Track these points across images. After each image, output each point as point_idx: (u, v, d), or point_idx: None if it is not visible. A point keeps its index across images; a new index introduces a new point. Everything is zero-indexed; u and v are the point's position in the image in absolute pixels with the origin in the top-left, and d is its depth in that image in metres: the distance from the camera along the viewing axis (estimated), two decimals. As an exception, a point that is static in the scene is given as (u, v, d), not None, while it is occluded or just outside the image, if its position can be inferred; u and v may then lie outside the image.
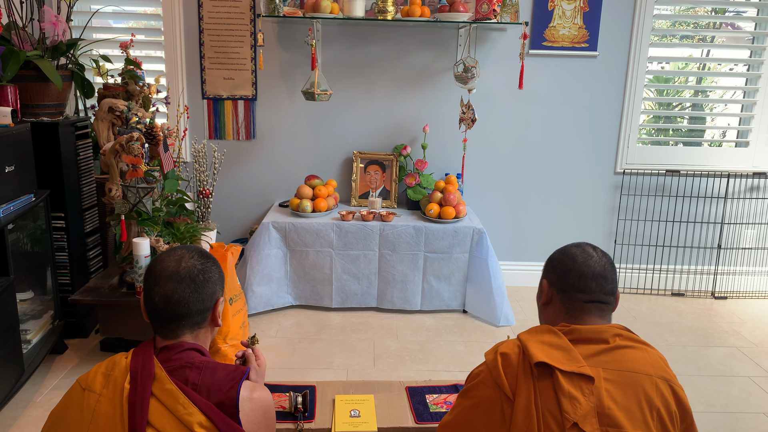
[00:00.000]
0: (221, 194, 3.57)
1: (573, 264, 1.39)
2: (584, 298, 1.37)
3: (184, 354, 1.24)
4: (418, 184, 3.41)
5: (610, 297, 1.39)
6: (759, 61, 3.50)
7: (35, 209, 2.55)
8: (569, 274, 1.39)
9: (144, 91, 2.83)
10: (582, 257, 1.40)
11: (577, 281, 1.38)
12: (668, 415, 1.27)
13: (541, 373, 1.26)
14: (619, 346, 1.32)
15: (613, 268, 1.41)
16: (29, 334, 2.48)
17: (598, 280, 1.37)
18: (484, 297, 3.14)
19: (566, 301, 1.39)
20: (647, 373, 1.29)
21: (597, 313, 1.38)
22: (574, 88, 3.48)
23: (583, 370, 1.25)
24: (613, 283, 1.40)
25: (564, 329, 1.35)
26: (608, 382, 1.26)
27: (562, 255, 1.43)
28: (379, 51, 3.42)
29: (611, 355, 1.30)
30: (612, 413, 1.22)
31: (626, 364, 1.29)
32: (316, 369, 2.64)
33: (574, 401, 1.22)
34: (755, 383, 2.63)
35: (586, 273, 1.37)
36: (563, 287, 1.40)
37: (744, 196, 3.64)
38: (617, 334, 1.35)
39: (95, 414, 1.16)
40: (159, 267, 1.27)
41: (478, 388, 1.33)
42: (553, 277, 1.43)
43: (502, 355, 1.32)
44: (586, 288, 1.37)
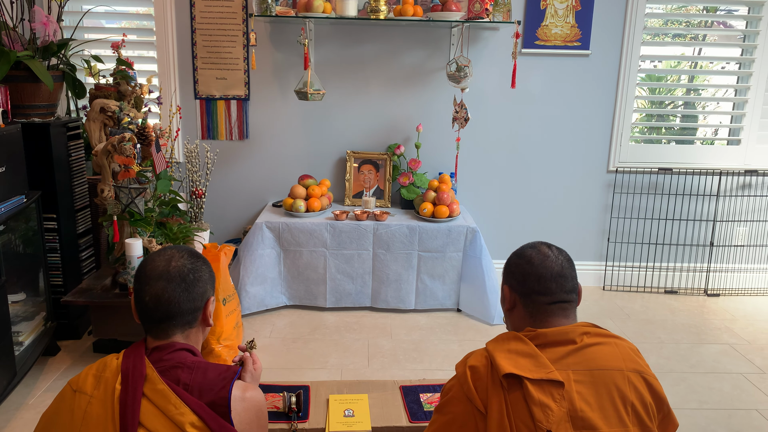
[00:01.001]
0: (214, 194, 3.56)
1: (530, 267, 1.38)
2: (546, 300, 1.36)
3: (175, 354, 1.24)
4: (411, 184, 3.41)
5: (572, 295, 1.38)
6: (750, 59, 3.52)
7: (27, 210, 2.53)
8: (528, 278, 1.37)
9: (136, 91, 2.82)
10: (538, 259, 1.38)
11: (537, 284, 1.36)
12: (643, 407, 1.26)
13: (511, 384, 1.25)
14: (587, 344, 1.31)
15: (571, 265, 1.40)
16: (21, 335, 2.47)
17: (557, 280, 1.36)
18: (478, 296, 3.14)
19: (529, 305, 1.38)
20: (618, 368, 1.28)
21: (561, 314, 1.37)
22: (566, 86, 3.49)
23: (551, 375, 1.24)
24: (573, 281, 1.39)
25: (530, 334, 1.34)
26: (579, 383, 1.25)
27: (519, 258, 1.42)
28: (371, 50, 3.42)
29: (580, 355, 1.29)
30: (585, 415, 1.22)
31: (596, 362, 1.28)
32: (310, 369, 2.64)
33: (546, 409, 1.21)
34: (747, 380, 2.64)
35: (545, 275, 1.36)
36: (524, 291, 1.38)
37: (736, 193, 3.65)
38: (584, 332, 1.34)
39: (86, 415, 1.16)
40: (149, 267, 1.27)
41: (452, 403, 1.32)
42: (513, 282, 1.41)
43: (471, 368, 1.31)
44: (547, 290, 1.36)
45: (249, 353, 1.54)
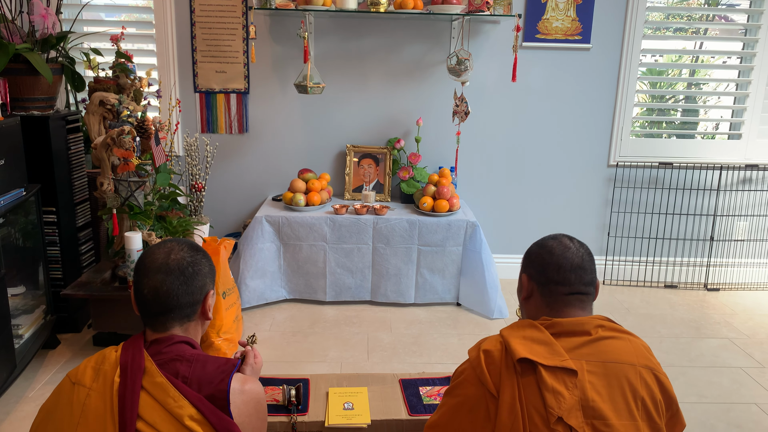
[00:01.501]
0: (214, 188, 3.55)
1: (551, 257, 1.39)
2: (564, 290, 1.37)
3: (174, 347, 1.24)
4: (411, 178, 3.40)
5: (589, 287, 1.39)
6: (752, 54, 3.51)
7: (26, 204, 2.53)
8: (548, 268, 1.38)
9: (135, 84, 2.81)
10: (559, 249, 1.39)
11: (556, 274, 1.37)
12: (653, 404, 1.27)
13: (524, 369, 1.25)
14: (602, 337, 1.32)
15: (591, 258, 1.41)
16: (21, 329, 2.47)
17: (576, 271, 1.37)
18: (478, 290, 3.14)
19: (546, 294, 1.39)
20: (631, 363, 1.29)
21: (578, 305, 1.38)
22: (567, 80, 3.48)
23: (565, 363, 1.25)
24: (591, 274, 1.39)
25: (545, 323, 1.35)
26: (592, 374, 1.26)
27: (540, 248, 1.43)
28: (372, 44, 3.41)
29: (594, 347, 1.30)
30: (596, 405, 1.22)
31: (609, 355, 1.29)
32: (310, 362, 2.64)
33: (558, 396, 1.22)
34: (747, 374, 2.64)
35: (565, 265, 1.37)
36: (542, 281, 1.39)
37: (736, 188, 3.65)
38: (599, 325, 1.35)
39: (85, 408, 1.16)
40: (148, 259, 1.27)
41: (463, 386, 1.33)
42: (531, 271, 1.42)
43: (484, 352, 1.32)
44: (566, 280, 1.37)
45: (250, 347, 1.54)
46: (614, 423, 1.21)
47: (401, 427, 1.96)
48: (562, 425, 1.20)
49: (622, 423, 1.22)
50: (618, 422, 1.22)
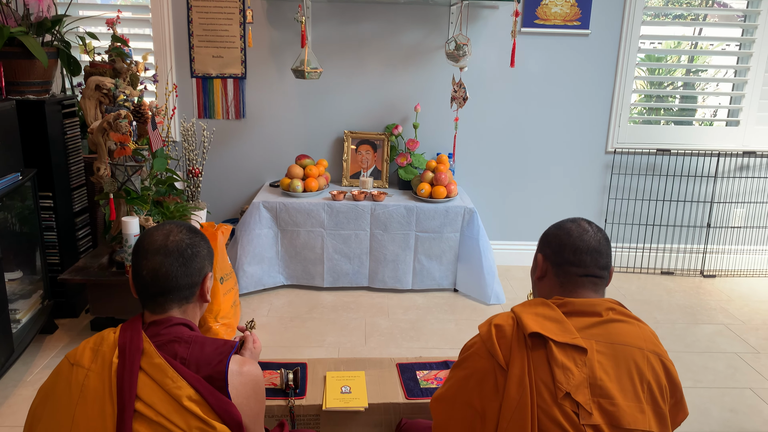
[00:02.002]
0: (211, 174, 3.54)
1: (568, 238, 1.40)
2: (579, 272, 1.38)
3: (172, 329, 1.24)
4: (409, 164, 3.40)
5: (604, 271, 1.40)
6: (750, 40, 3.49)
7: (22, 189, 2.52)
8: (564, 249, 1.40)
9: (131, 68, 2.79)
10: (577, 232, 1.40)
11: (572, 255, 1.38)
12: (658, 388, 1.28)
13: (535, 343, 1.27)
14: (612, 319, 1.33)
15: (608, 243, 1.42)
16: (18, 313, 2.47)
17: (592, 254, 1.38)
18: (475, 276, 3.15)
19: (561, 275, 1.40)
20: (639, 347, 1.30)
21: (591, 287, 1.39)
22: (565, 66, 3.47)
23: (576, 341, 1.26)
24: (607, 258, 1.41)
25: (558, 302, 1.36)
26: (601, 354, 1.27)
27: (558, 230, 1.44)
28: (370, 29, 3.39)
29: (604, 328, 1.31)
30: (604, 384, 1.24)
31: (618, 337, 1.30)
32: (308, 347, 2.65)
33: (567, 372, 1.23)
34: (742, 359, 2.66)
35: (581, 247, 1.38)
36: (558, 261, 1.40)
37: (734, 175, 3.65)
38: (610, 308, 1.36)
39: (84, 389, 1.16)
40: (147, 241, 1.26)
41: (472, 359, 1.34)
42: (548, 251, 1.43)
43: (496, 326, 1.33)
44: (581, 262, 1.38)
45: (249, 332, 1.55)
46: (620, 403, 1.23)
47: (398, 410, 1.98)
48: (570, 401, 1.21)
49: (627, 404, 1.23)
50: (624, 402, 1.23)
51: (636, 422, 1.23)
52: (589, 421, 1.21)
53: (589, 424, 1.21)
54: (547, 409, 1.21)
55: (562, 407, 1.21)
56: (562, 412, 1.21)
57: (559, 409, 1.21)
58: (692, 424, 2.17)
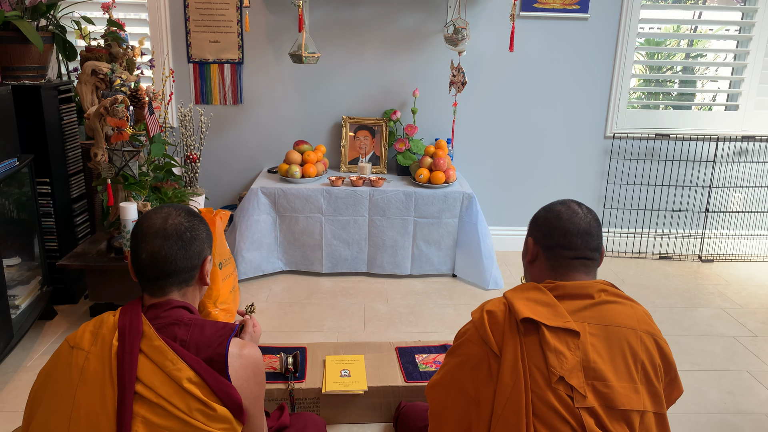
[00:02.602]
0: (209, 160, 3.53)
1: (558, 221, 1.39)
2: (570, 254, 1.38)
3: (172, 312, 1.24)
4: (407, 150, 3.39)
5: (595, 253, 1.40)
6: (750, 23, 3.47)
7: (19, 175, 2.51)
8: (554, 232, 1.39)
9: (128, 53, 2.77)
10: (567, 214, 1.39)
11: (563, 238, 1.38)
12: (652, 368, 1.29)
13: (527, 329, 1.27)
14: (605, 301, 1.33)
15: (599, 225, 1.41)
16: (17, 299, 2.47)
17: (583, 236, 1.38)
18: (474, 261, 3.15)
19: (552, 258, 1.40)
20: (632, 328, 1.30)
21: (582, 270, 1.39)
22: (564, 51, 3.45)
23: (568, 325, 1.26)
24: (598, 239, 1.40)
25: (549, 285, 1.36)
26: (593, 336, 1.27)
27: (547, 213, 1.43)
28: (367, 13, 3.36)
29: (596, 310, 1.31)
30: (597, 367, 1.24)
31: (611, 318, 1.30)
32: (307, 332, 2.66)
33: (560, 356, 1.23)
34: (739, 342, 2.67)
35: (572, 230, 1.38)
36: (548, 245, 1.40)
37: (732, 159, 3.65)
38: (602, 289, 1.36)
39: (84, 371, 1.16)
40: (146, 224, 1.26)
41: (465, 345, 1.34)
42: (538, 234, 1.43)
43: (488, 312, 1.33)
44: (572, 245, 1.37)
45: (249, 317, 1.55)
46: (614, 384, 1.23)
47: (398, 393, 1.99)
48: (564, 385, 1.21)
49: (621, 385, 1.24)
50: (618, 384, 1.23)
51: (630, 402, 1.24)
52: (584, 404, 1.21)
53: (584, 407, 1.21)
54: (541, 394, 1.22)
55: (556, 391, 1.21)
56: (557, 396, 1.21)
57: (553, 393, 1.21)
58: (690, 406, 2.18)
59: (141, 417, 1.12)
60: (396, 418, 1.91)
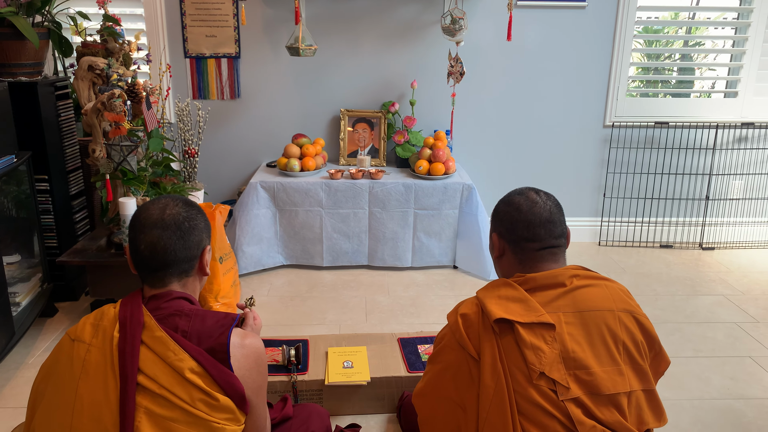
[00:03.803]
0: (207, 155, 3.52)
1: (519, 214, 1.37)
2: (535, 246, 1.36)
3: (172, 302, 1.23)
4: (407, 142, 3.38)
5: (560, 239, 1.38)
6: (748, 9, 3.46)
7: (18, 172, 2.50)
8: (517, 225, 1.37)
9: (124, 48, 2.76)
10: (527, 205, 1.37)
11: (526, 231, 1.36)
12: (635, 346, 1.28)
13: (502, 329, 1.26)
14: (577, 286, 1.32)
15: (560, 209, 1.39)
16: (18, 296, 2.46)
17: (546, 226, 1.36)
18: (474, 252, 3.15)
19: (518, 251, 1.38)
20: (609, 309, 1.29)
21: (550, 258, 1.37)
22: (562, 40, 3.43)
23: (542, 318, 1.25)
24: (561, 225, 1.38)
25: (519, 279, 1.34)
26: (570, 325, 1.26)
27: (507, 206, 1.40)
28: (364, 4, 3.34)
29: (569, 297, 1.30)
30: (577, 356, 1.23)
31: (586, 303, 1.29)
32: (309, 325, 2.65)
33: (538, 351, 1.22)
34: (741, 328, 2.67)
35: (533, 221, 1.35)
36: (513, 239, 1.38)
37: (732, 146, 3.64)
38: (574, 275, 1.34)
39: (86, 363, 1.16)
40: (143, 215, 1.25)
41: (444, 352, 1.33)
42: (501, 229, 1.40)
43: (462, 316, 1.32)
44: (536, 236, 1.35)
45: (249, 309, 1.54)
46: (596, 371, 1.22)
47: (400, 383, 1.99)
48: (545, 379, 1.21)
49: (604, 369, 1.23)
50: (600, 369, 1.23)
51: (616, 386, 1.23)
52: (568, 396, 1.20)
53: (569, 399, 1.20)
54: (523, 392, 1.21)
55: (538, 387, 1.20)
56: (540, 392, 1.20)
57: (535, 389, 1.20)
58: (693, 392, 2.18)
59: (144, 408, 1.12)
60: (399, 408, 1.91)
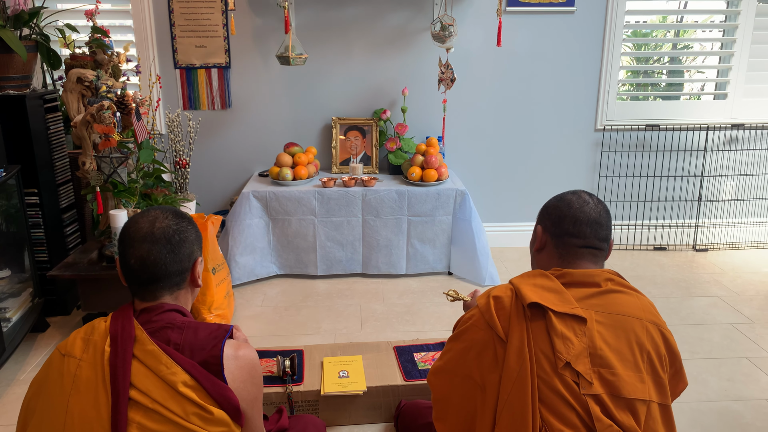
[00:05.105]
0: (199, 166, 3.50)
1: (568, 210, 1.40)
2: (578, 243, 1.38)
3: (164, 315, 1.21)
4: (399, 149, 3.37)
5: (603, 243, 1.40)
6: (736, 12, 3.48)
7: (6, 186, 2.48)
8: (564, 220, 1.39)
9: (113, 60, 2.75)
10: (578, 203, 1.40)
11: (572, 226, 1.38)
12: (658, 358, 1.28)
13: (534, 314, 1.26)
14: (611, 290, 1.33)
15: (608, 216, 1.41)
16: (8, 312, 2.43)
17: (592, 225, 1.38)
18: (469, 258, 3.14)
19: (560, 246, 1.40)
20: (638, 317, 1.29)
21: (590, 258, 1.38)
22: (552, 45, 3.44)
23: (575, 311, 1.25)
24: (607, 230, 1.40)
25: (556, 273, 1.36)
26: (600, 324, 1.26)
27: (558, 201, 1.44)
28: (354, 12, 3.35)
29: (603, 298, 1.31)
30: (604, 354, 1.23)
31: (617, 307, 1.29)
32: (304, 335, 2.63)
33: (567, 341, 1.22)
34: (737, 329, 2.67)
35: (581, 218, 1.38)
36: (557, 233, 1.40)
37: (723, 148, 3.66)
38: (609, 278, 1.35)
39: (76, 379, 1.14)
40: (133, 228, 1.24)
41: (470, 331, 1.33)
42: (547, 222, 1.43)
43: (494, 298, 1.32)
44: (581, 233, 1.37)
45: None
46: (620, 372, 1.22)
47: (397, 392, 1.97)
48: (570, 370, 1.21)
49: (627, 373, 1.23)
50: (624, 372, 1.22)
51: (636, 391, 1.23)
52: (590, 391, 1.20)
53: (590, 394, 1.20)
54: (547, 379, 1.21)
55: (562, 377, 1.20)
56: (563, 381, 1.20)
57: (559, 378, 1.20)
58: (690, 395, 2.17)
59: (136, 423, 1.10)
60: (396, 418, 1.89)
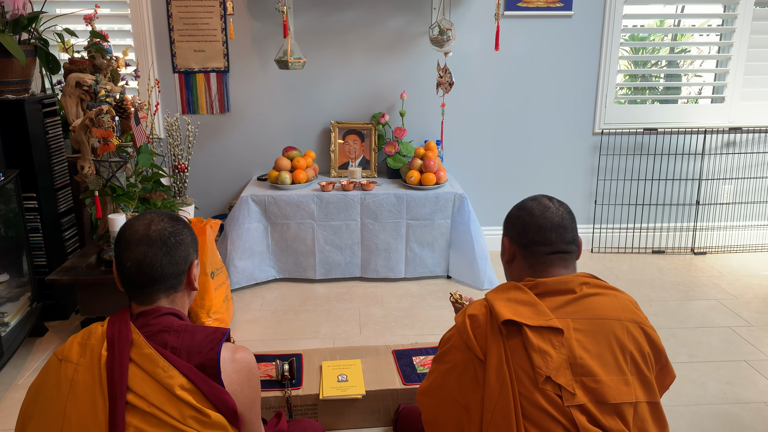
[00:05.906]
0: (198, 170, 3.51)
1: (531, 218, 1.38)
2: (546, 250, 1.37)
3: (161, 319, 1.21)
4: (397, 152, 3.38)
5: (571, 246, 1.39)
6: (733, 16, 3.50)
7: (5, 190, 2.48)
8: (528, 229, 1.38)
9: (112, 64, 2.75)
10: (539, 210, 1.39)
11: (537, 234, 1.37)
12: (642, 357, 1.27)
13: (510, 331, 1.25)
14: (587, 294, 1.31)
15: (572, 217, 1.40)
16: (7, 316, 2.43)
17: (557, 230, 1.37)
18: (468, 261, 3.14)
19: (528, 255, 1.38)
20: (617, 318, 1.28)
21: (560, 264, 1.37)
22: (550, 48, 3.45)
23: (551, 323, 1.24)
24: (573, 232, 1.39)
25: (529, 284, 1.34)
26: (578, 332, 1.25)
27: (519, 210, 1.42)
28: (352, 17, 3.36)
29: (579, 304, 1.29)
30: (584, 362, 1.22)
31: (595, 311, 1.28)
32: (303, 339, 2.63)
33: (545, 355, 1.21)
34: (735, 332, 2.67)
35: (545, 225, 1.37)
36: (524, 243, 1.39)
37: (721, 151, 3.66)
38: (584, 282, 1.34)
39: (74, 383, 1.14)
40: (128, 232, 1.24)
41: (450, 352, 1.32)
42: (513, 233, 1.42)
43: (470, 317, 1.31)
44: (547, 240, 1.36)
45: None
46: (603, 379, 1.21)
47: (396, 396, 1.97)
48: (551, 384, 1.19)
49: (611, 378, 1.22)
50: (607, 378, 1.22)
51: (621, 395, 1.22)
52: (573, 402, 1.19)
53: (574, 405, 1.19)
54: (529, 396, 1.20)
55: (544, 392, 1.19)
56: (545, 396, 1.19)
57: (541, 393, 1.19)
58: (689, 398, 2.17)
59: (134, 427, 1.10)
60: (395, 421, 1.89)
